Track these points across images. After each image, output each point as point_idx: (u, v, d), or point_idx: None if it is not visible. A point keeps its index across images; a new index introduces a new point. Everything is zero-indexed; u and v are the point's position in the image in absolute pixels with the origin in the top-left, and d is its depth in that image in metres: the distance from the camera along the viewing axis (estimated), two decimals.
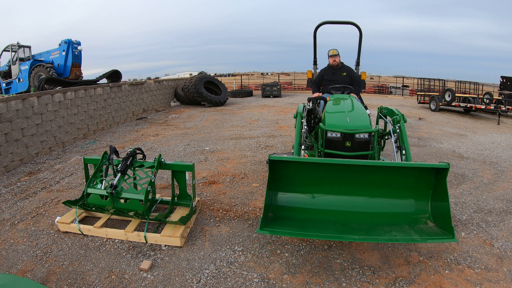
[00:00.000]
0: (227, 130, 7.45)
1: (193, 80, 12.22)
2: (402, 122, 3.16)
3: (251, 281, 2.24)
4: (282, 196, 2.62)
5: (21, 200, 3.62)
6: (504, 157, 5.38)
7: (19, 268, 2.41)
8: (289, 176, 2.60)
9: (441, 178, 2.35)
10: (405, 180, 2.51)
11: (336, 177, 2.57)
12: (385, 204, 2.55)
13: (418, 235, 2.22)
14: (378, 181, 2.54)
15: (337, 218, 2.50)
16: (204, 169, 4.56)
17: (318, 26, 4.83)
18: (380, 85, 24.14)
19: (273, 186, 2.58)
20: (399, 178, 2.52)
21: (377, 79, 34.00)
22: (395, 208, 2.53)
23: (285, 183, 2.61)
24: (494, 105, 10.37)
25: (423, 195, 2.50)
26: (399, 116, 3.20)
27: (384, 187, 2.55)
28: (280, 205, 2.59)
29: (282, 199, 2.61)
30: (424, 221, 2.42)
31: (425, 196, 2.49)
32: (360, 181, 2.55)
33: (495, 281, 2.22)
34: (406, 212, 2.52)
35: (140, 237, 2.71)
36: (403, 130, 3.10)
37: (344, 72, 4.41)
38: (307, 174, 2.59)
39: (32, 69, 9.70)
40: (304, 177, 2.60)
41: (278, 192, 2.61)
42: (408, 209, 2.52)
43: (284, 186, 2.61)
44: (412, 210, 2.51)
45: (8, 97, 4.94)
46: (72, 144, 6.41)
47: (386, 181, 2.54)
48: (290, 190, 2.62)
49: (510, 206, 3.43)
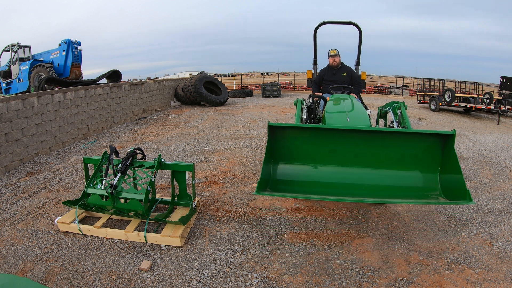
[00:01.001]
0: (227, 130, 7.45)
1: (193, 80, 12.22)
2: (403, 108, 3.14)
3: (251, 281, 2.24)
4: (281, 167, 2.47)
5: (21, 200, 3.62)
6: (504, 157, 5.38)
7: (19, 268, 2.41)
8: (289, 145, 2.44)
9: (449, 146, 2.23)
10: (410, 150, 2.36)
11: (339, 145, 2.42)
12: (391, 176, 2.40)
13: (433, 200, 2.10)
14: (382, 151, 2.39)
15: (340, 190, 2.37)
16: (204, 169, 4.56)
17: (318, 26, 4.84)
18: (380, 85, 24.14)
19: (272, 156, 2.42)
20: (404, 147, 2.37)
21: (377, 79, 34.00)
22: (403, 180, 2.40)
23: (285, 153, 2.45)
24: (494, 105, 10.37)
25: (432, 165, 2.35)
26: (400, 103, 3.18)
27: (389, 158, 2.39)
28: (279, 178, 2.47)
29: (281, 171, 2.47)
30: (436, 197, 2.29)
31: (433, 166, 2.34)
32: (363, 151, 2.41)
33: (495, 281, 2.22)
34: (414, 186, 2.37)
35: (140, 237, 2.71)
36: (404, 114, 3.05)
37: (344, 72, 4.41)
38: (308, 143, 2.44)
39: (32, 69, 9.70)
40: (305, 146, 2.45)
41: (277, 164, 2.46)
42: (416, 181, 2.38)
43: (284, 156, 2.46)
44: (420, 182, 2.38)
45: (8, 97, 4.94)
46: (72, 144, 6.41)
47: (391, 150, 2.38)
48: (290, 161, 2.47)
49: (510, 206, 3.43)
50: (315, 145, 2.43)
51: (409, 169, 2.39)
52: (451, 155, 2.22)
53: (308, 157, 2.46)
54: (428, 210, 3.29)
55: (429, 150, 2.33)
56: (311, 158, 2.46)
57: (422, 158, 2.35)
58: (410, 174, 2.38)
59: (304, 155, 2.46)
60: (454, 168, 2.18)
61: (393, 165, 2.40)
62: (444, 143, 2.29)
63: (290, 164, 2.46)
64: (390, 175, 2.40)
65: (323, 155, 2.45)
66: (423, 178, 2.37)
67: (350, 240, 2.72)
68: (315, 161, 2.46)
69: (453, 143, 2.21)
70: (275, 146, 2.41)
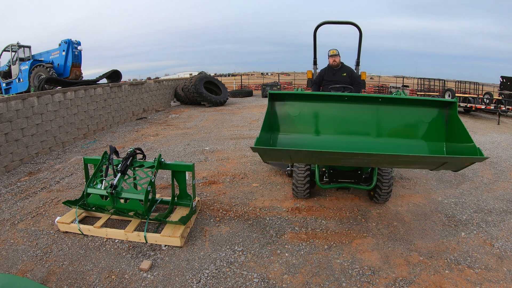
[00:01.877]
0: (227, 130, 7.45)
1: (193, 80, 12.22)
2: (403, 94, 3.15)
3: (251, 281, 2.24)
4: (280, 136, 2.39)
5: (21, 200, 3.62)
6: (504, 157, 5.38)
7: (19, 268, 2.41)
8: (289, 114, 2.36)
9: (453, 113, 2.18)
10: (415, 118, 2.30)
11: (341, 113, 2.35)
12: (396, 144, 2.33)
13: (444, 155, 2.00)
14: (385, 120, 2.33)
15: None
16: (204, 169, 4.56)
17: (318, 26, 4.84)
18: (380, 85, 24.14)
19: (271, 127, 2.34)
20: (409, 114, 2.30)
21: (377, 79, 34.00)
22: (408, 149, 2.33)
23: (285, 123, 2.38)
24: (494, 105, 10.37)
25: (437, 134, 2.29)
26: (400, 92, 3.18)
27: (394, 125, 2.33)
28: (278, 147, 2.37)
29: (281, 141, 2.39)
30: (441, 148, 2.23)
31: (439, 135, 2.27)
32: (366, 119, 2.35)
33: (495, 281, 2.22)
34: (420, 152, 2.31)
35: (140, 237, 2.71)
36: None
37: (344, 72, 4.41)
38: (310, 111, 2.37)
39: (32, 69, 9.70)
40: (306, 114, 2.38)
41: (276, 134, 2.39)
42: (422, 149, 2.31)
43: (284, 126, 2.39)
44: (425, 151, 2.31)
45: (8, 97, 4.94)
46: (72, 144, 6.41)
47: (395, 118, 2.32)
48: (290, 130, 2.40)
49: (510, 206, 3.43)
50: (316, 113, 2.36)
51: (414, 138, 2.32)
52: (456, 123, 2.14)
53: (309, 126, 2.39)
54: (428, 210, 3.29)
55: (433, 119, 2.27)
56: (312, 127, 2.39)
57: (426, 126, 2.29)
58: (415, 143, 2.30)
59: (305, 124, 2.39)
60: (460, 135, 2.09)
61: (397, 134, 2.33)
62: (447, 111, 2.24)
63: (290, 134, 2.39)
64: (395, 143, 2.32)
65: (324, 124, 2.38)
66: (428, 147, 2.29)
67: (350, 240, 2.72)
68: (316, 130, 2.39)
69: (456, 110, 2.16)
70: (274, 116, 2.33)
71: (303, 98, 2.37)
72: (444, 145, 2.25)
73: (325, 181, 3.15)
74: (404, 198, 3.58)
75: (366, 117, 2.33)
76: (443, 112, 2.27)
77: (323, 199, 3.51)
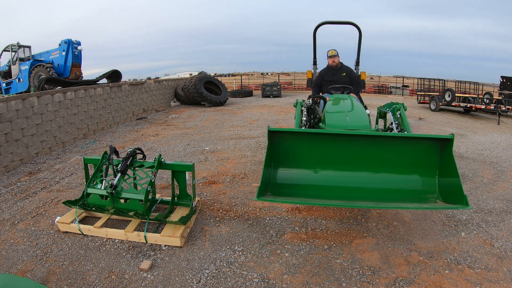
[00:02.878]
0: (227, 130, 7.45)
1: (193, 80, 12.22)
2: (402, 110, 3.15)
3: (251, 281, 2.24)
4: (281, 172, 2.48)
5: (21, 200, 3.62)
6: (504, 157, 5.38)
7: (19, 268, 2.41)
8: (289, 150, 2.45)
9: (447, 150, 2.24)
10: (409, 154, 2.38)
11: (338, 150, 2.44)
12: (391, 180, 2.42)
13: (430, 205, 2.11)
14: (381, 155, 2.41)
15: (340, 193, 2.38)
16: (204, 169, 4.56)
17: (317, 27, 4.84)
18: (380, 85, 24.15)
19: (272, 160, 2.43)
20: (403, 151, 2.38)
21: (377, 79, 34.00)
22: (401, 184, 2.41)
23: (285, 158, 2.46)
24: (494, 105, 10.36)
25: (430, 169, 2.37)
26: (399, 105, 3.19)
27: (388, 162, 2.41)
28: (279, 182, 2.47)
29: (281, 175, 2.48)
30: (433, 200, 2.30)
31: (431, 170, 2.36)
32: (363, 155, 2.42)
33: (495, 281, 2.22)
34: (412, 189, 2.39)
35: (140, 237, 2.71)
36: (403, 116, 3.07)
37: (344, 73, 4.42)
38: (308, 147, 2.46)
39: (32, 69, 9.70)
40: (305, 151, 2.46)
41: (277, 168, 2.47)
42: (414, 185, 2.40)
43: (284, 161, 2.47)
44: (418, 187, 2.39)
45: (8, 97, 4.94)
46: (72, 144, 6.41)
47: (391, 154, 2.40)
48: (291, 165, 2.48)
49: (510, 206, 3.43)
50: (314, 149, 2.45)
51: (408, 173, 2.41)
52: (449, 159, 2.23)
53: (307, 161, 2.47)
54: (428, 210, 3.29)
55: (428, 154, 2.34)
56: (311, 162, 2.48)
57: (420, 161, 2.37)
58: (409, 178, 2.40)
59: (303, 159, 2.47)
60: (452, 172, 2.20)
61: (392, 169, 2.41)
62: (442, 146, 2.30)
63: (289, 169, 2.47)
64: (389, 178, 2.42)
65: (322, 159, 2.46)
66: (422, 181, 2.38)
67: (350, 240, 2.72)
68: (314, 165, 2.47)
69: (451, 147, 2.22)
70: (275, 151, 2.42)
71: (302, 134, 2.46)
72: (436, 180, 2.34)
73: None
74: None
75: (365, 152, 2.41)
76: (438, 147, 2.32)
77: None
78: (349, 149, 2.40)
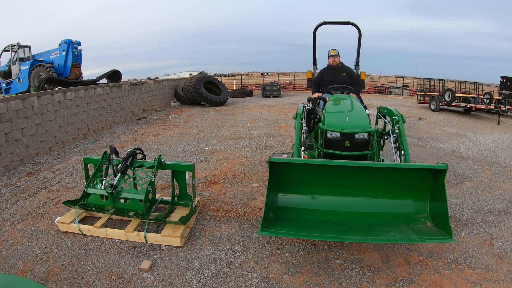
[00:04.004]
0: (227, 130, 7.45)
1: (193, 80, 12.22)
2: (401, 123, 3.17)
3: (251, 281, 2.24)
4: (282, 197, 2.63)
5: (21, 200, 3.62)
6: (504, 157, 5.38)
7: (19, 268, 2.41)
8: (289, 177, 2.61)
9: (440, 179, 2.36)
10: (404, 181, 2.52)
11: (336, 178, 2.58)
12: (384, 204, 2.56)
13: (417, 235, 2.23)
14: (377, 182, 2.56)
15: (337, 218, 2.51)
16: (204, 169, 4.56)
17: (317, 27, 4.84)
18: (380, 85, 24.15)
19: (273, 187, 2.59)
20: (398, 178, 2.53)
21: (377, 79, 34.01)
22: (394, 208, 2.55)
23: (285, 184, 2.62)
24: (494, 105, 10.37)
25: (422, 195, 2.52)
26: (398, 117, 3.20)
27: (383, 188, 2.56)
28: (280, 205, 2.60)
29: (282, 200, 2.62)
30: (423, 221, 2.43)
31: (423, 196, 2.51)
32: (359, 182, 2.57)
33: (495, 281, 2.22)
34: (405, 212, 2.54)
35: (140, 237, 2.71)
36: (402, 131, 3.10)
37: (344, 73, 4.41)
38: (307, 175, 2.60)
39: (32, 69, 9.70)
40: (304, 178, 2.61)
41: (278, 193, 2.63)
42: (407, 209, 2.54)
43: (284, 187, 2.63)
44: (410, 210, 2.53)
45: (8, 97, 4.94)
46: (72, 144, 6.41)
47: (385, 181, 2.55)
48: (290, 191, 2.64)
49: (510, 206, 3.43)
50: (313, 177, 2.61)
51: (402, 198, 2.56)
52: (440, 187, 2.35)
53: (307, 188, 2.64)
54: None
55: (422, 181, 2.49)
56: (310, 189, 2.64)
57: (414, 187, 2.52)
58: (403, 202, 2.56)
59: (303, 186, 2.63)
60: (441, 199, 2.34)
61: (388, 195, 2.57)
62: (435, 174, 2.42)
63: (289, 194, 2.64)
64: (384, 203, 2.57)
65: (321, 186, 2.62)
66: (414, 205, 2.54)
67: None
68: (313, 192, 2.64)
69: (444, 176, 2.31)
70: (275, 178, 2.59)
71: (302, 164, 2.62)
72: (428, 204, 2.49)
73: None
74: None
75: (361, 180, 2.56)
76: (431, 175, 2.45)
77: None
78: (346, 177, 2.56)
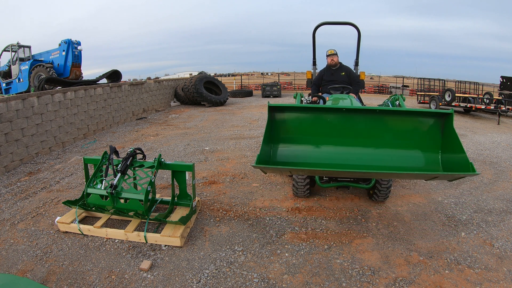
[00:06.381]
0: (227, 130, 7.45)
1: (193, 80, 12.22)
2: (400, 99, 3.16)
3: (251, 281, 2.24)
4: (281, 148, 2.46)
5: (21, 200, 3.62)
6: (504, 157, 5.38)
7: (19, 268, 2.41)
8: (288, 126, 2.43)
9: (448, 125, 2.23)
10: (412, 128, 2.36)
11: (338, 126, 2.41)
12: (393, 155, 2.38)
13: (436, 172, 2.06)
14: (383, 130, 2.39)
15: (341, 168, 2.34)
16: (204, 169, 4.56)
17: (317, 27, 4.84)
18: (380, 85, 24.14)
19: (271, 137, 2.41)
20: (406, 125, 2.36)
21: (377, 79, 34.01)
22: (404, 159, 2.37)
23: (284, 134, 2.44)
24: (494, 105, 10.36)
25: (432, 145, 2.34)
26: (398, 96, 3.21)
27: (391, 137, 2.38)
28: (278, 160, 2.46)
29: (281, 152, 2.46)
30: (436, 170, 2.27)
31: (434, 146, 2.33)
32: (364, 131, 2.40)
33: (495, 281, 2.22)
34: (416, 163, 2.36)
35: (140, 237, 2.71)
36: (402, 104, 3.08)
37: (343, 72, 4.42)
38: (307, 123, 2.43)
39: (32, 69, 9.69)
40: (304, 126, 2.44)
41: (277, 144, 2.45)
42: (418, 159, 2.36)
43: (283, 137, 2.45)
44: (421, 161, 2.36)
45: (8, 97, 4.94)
46: (72, 144, 6.41)
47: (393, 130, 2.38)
48: (289, 141, 2.46)
49: (510, 206, 3.43)
50: (314, 125, 2.42)
51: (410, 148, 2.37)
52: (451, 134, 2.20)
53: (307, 137, 2.45)
54: (428, 210, 3.29)
55: (429, 130, 2.32)
56: (311, 138, 2.45)
57: (422, 137, 2.33)
58: (411, 154, 2.36)
59: (303, 136, 2.45)
60: (455, 147, 2.16)
61: (394, 145, 2.38)
62: (443, 122, 2.28)
63: (289, 145, 2.44)
64: (391, 154, 2.37)
65: (322, 135, 2.43)
66: (424, 157, 2.34)
67: (350, 240, 2.72)
68: (314, 142, 2.45)
69: (452, 121, 2.19)
70: (275, 127, 2.40)
71: (302, 110, 2.43)
72: (439, 156, 2.30)
73: (325, 180, 3.17)
74: (404, 198, 3.58)
75: (365, 127, 2.38)
76: (439, 123, 2.30)
77: (323, 199, 3.51)
78: (350, 124, 2.37)
